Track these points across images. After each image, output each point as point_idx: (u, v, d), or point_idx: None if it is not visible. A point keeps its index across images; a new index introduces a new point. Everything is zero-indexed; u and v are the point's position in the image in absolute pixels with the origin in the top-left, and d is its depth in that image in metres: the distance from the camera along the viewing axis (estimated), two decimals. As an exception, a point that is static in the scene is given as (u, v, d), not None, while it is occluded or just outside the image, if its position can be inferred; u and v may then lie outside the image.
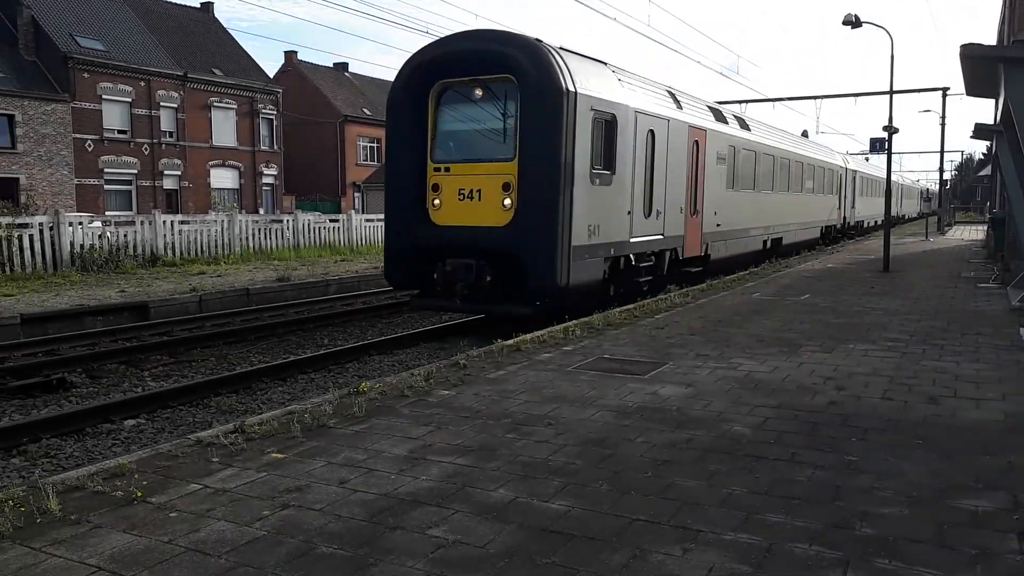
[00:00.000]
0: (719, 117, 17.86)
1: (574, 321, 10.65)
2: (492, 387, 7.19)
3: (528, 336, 9.47)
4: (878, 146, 33.82)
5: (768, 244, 21.80)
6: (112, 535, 4.01)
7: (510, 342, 9.10)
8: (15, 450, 7.19)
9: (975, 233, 40.53)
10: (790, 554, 3.83)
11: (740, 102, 38.55)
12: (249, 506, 4.39)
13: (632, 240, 13.14)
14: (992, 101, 20.46)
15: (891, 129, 21.42)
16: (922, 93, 38.55)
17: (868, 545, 3.93)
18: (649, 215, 13.73)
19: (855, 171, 34.95)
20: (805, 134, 33.37)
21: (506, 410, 6.40)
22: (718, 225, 17.29)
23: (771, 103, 41.71)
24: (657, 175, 13.96)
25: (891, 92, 21.55)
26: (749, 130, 19.93)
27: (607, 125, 12.17)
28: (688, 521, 4.20)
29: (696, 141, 15.82)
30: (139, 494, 4.50)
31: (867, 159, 49.64)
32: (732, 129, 18.45)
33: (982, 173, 56.27)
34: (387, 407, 6.49)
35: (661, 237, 14.32)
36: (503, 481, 4.79)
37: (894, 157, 22.95)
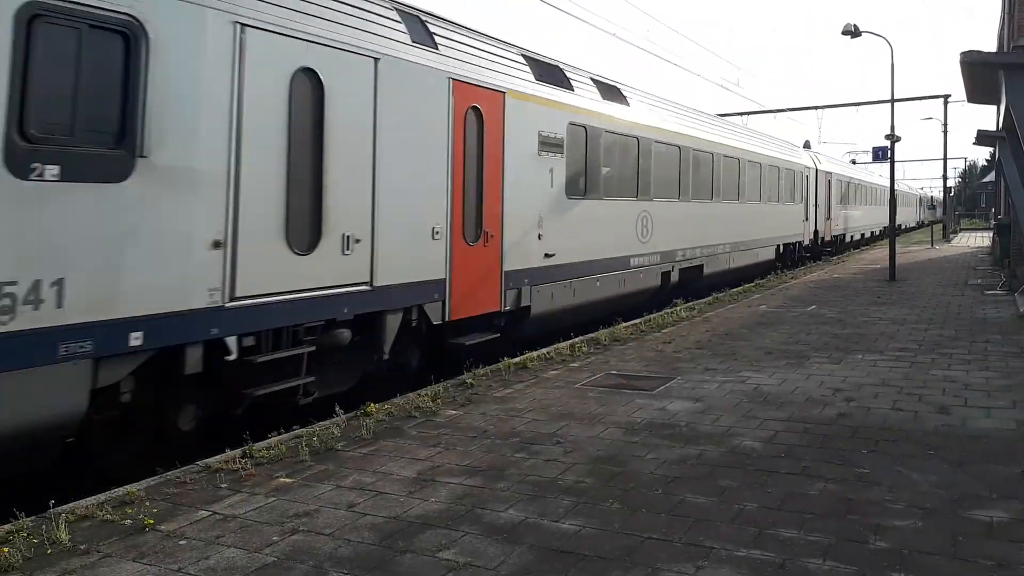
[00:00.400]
0: (546, 76, 10.99)
1: (580, 337, 10.62)
2: (499, 406, 7.17)
3: (535, 353, 9.46)
4: (881, 154, 33.79)
5: (674, 276, 14.71)
6: (122, 564, 4.00)
7: (516, 360, 9.08)
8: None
9: (981, 240, 40.45)
10: (804, 570, 3.80)
11: (741, 114, 38.69)
12: (259, 532, 4.38)
13: (235, 304, 6.23)
14: (994, 107, 20.50)
15: (893, 137, 21.45)
16: (924, 101, 38.66)
17: (882, 558, 3.90)
18: (315, 246, 6.99)
19: (830, 173, 28.36)
20: (807, 145, 33.06)
21: (514, 429, 6.38)
22: (548, 256, 10.65)
23: (772, 114, 41.89)
24: (336, 164, 7.21)
25: (892, 100, 21.58)
26: (627, 104, 13.23)
27: (104, 35, 5.35)
28: (700, 538, 4.18)
29: (475, 108, 9.23)
30: (148, 522, 4.50)
31: (853, 161, 48.98)
32: (580, 98, 11.66)
33: (986, 179, 56.26)
34: (395, 428, 6.48)
35: (366, 288, 7.58)
36: (513, 501, 4.77)
37: (897, 165, 22.79)
